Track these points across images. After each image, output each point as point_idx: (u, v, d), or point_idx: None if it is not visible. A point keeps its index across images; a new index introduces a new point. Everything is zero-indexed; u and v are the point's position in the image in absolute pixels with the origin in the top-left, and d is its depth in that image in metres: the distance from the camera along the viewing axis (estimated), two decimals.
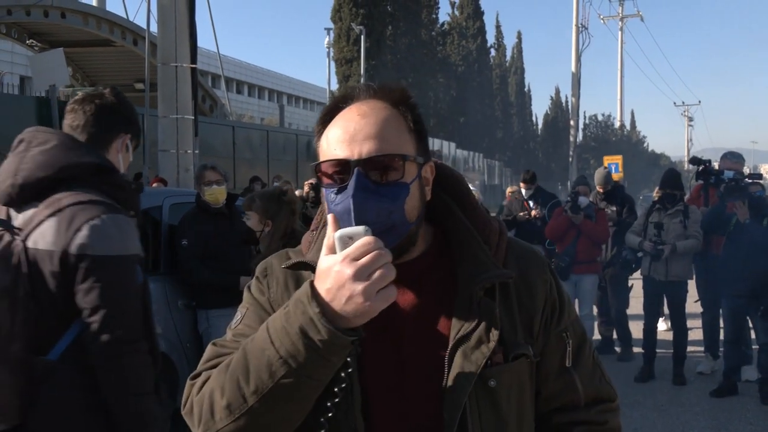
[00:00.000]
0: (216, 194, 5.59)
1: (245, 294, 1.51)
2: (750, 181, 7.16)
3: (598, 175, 9.20)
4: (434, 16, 44.38)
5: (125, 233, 2.32)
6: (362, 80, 32.44)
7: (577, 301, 7.70)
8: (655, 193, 7.87)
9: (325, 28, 35.51)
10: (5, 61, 34.65)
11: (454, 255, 1.46)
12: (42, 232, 2.21)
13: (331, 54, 36.63)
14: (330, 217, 1.28)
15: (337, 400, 1.33)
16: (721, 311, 7.37)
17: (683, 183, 8.17)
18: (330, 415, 1.34)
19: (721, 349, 7.57)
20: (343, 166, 1.34)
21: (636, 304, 9.26)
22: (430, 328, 1.41)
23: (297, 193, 12.86)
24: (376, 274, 1.20)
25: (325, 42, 35.31)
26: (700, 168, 7.84)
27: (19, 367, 2.15)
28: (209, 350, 1.43)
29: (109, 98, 2.53)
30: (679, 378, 7.31)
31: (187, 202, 5.83)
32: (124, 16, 18.59)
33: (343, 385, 1.32)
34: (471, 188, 1.59)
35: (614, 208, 8.63)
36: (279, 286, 1.46)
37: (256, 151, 17.89)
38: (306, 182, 10.55)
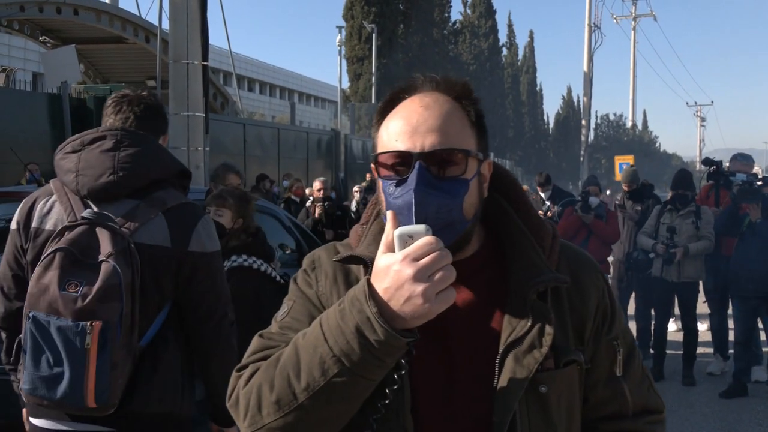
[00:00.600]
0: None
1: (291, 286, 1.49)
2: (762, 183, 7.10)
3: (625, 173, 9.23)
4: (446, 14, 44.31)
5: (215, 231, 2.62)
6: (373, 79, 32.43)
7: None
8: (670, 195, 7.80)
9: (337, 26, 35.49)
10: (18, 57, 34.82)
11: (507, 256, 1.43)
12: (152, 229, 2.40)
13: (343, 52, 36.61)
14: (390, 214, 1.25)
15: (387, 401, 1.30)
16: (731, 312, 7.34)
17: (695, 184, 8.14)
18: (379, 415, 1.32)
19: (731, 350, 7.55)
20: (404, 159, 1.31)
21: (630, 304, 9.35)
22: (481, 329, 1.38)
23: (307, 191, 12.93)
24: (438, 275, 1.17)
25: (337, 40, 35.28)
26: (712, 169, 7.84)
27: (133, 354, 2.35)
28: (255, 342, 1.41)
29: (152, 100, 2.68)
30: (688, 379, 7.29)
31: (197, 199, 5.82)
32: (137, 13, 18.67)
33: (395, 387, 1.29)
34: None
35: (638, 208, 8.59)
36: (328, 280, 1.44)
37: (267, 148, 17.90)
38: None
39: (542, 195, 9.67)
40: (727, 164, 8.18)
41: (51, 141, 10.75)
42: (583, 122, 35.39)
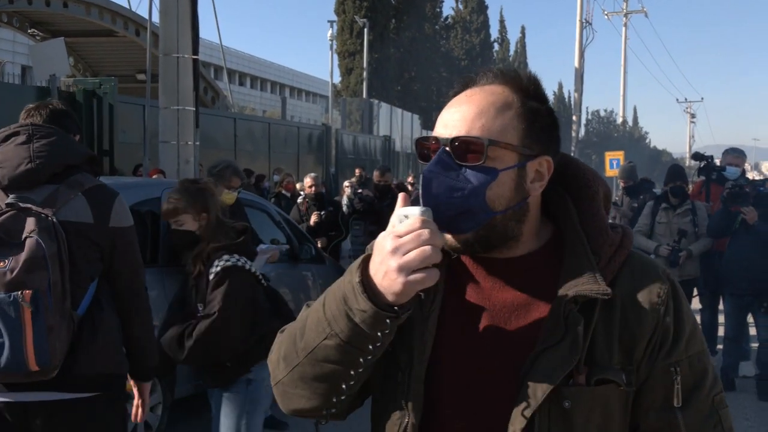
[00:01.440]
0: (232, 198, 5.62)
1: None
2: (752, 182, 7.04)
3: (621, 169, 9.25)
4: (438, 9, 44.29)
5: (128, 208, 2.91)
6: (365, 74, 32.38)
7: None
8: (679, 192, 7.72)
9: (329, 21, 35.41)
10: (7, 50, 34.61)
11: (563, 260, 1.38)
12: (74, 208, 2.67)
13: (334, 47, 36.55)
14: (400, 195, 1.28)
15: (359, 376, 1.32)
16: (721, 308, 7.37)
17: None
18: (347, 392, 1.35)
19: (719, 346, 7.59)
20: (437, 144, 1.34)
21: None
22: (519, 332, 1.34)
23: (298, 186, 12.91)
24: (412, 253, 1.18)
25: (328, 34, 35.22)
26: (702, 164, 7.77)
27: (69, 320, 2.59)
28: (302, 310, 1.45)
29: (58, 105, 3.04)
30: None
31: None
32: (127, 6, 18.54)
33: (369, 357, 1.29)
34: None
35: (635, 204, 8.57)
36: None
37: (258, 143, 17.85)
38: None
39: None
40: (718, 159, 8.15)
41: None
42: (574, 118, 35.42)
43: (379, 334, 1.25)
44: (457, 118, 1.34)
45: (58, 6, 16.32)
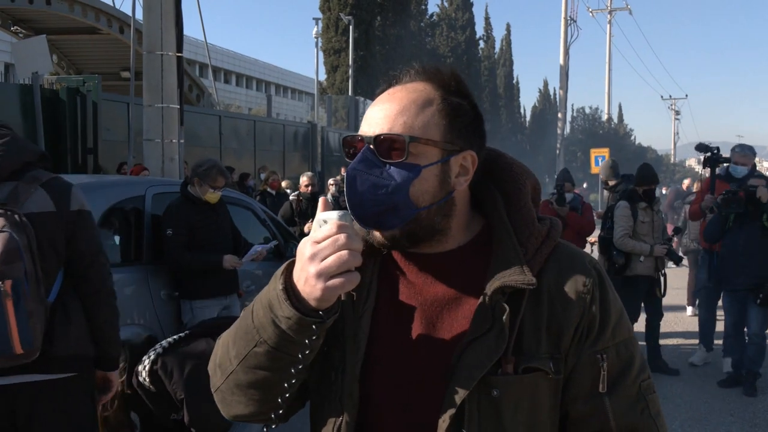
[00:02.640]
0: (216, 197, 5.60)
1: None
2: (744, 194, 6.76)
3: (603, 167, 8.97)
4: (423, 7, 44.29)
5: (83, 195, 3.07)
6: (350, 71, 32.34)
7: None
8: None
9: (314, 18, 35.43)
10: None
11: (491, 252, 1.40)
12: (36, 200, 2.84)
13: (320, 44, 36.49)
14: (321, 200, 1.30)
15: (293, 381, 1.34)
16: (721, 305, 7.41)
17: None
18: (285, 396, 1.36)
19: (717, 342, 7.66)
20: (359, 143, 1.36)
21: None
22: (450, 325, 1.37)
23: (283, 184, 12.87)
24: (329, 259, 1.20)
25: (314, 32, 35.18)
26: (707, 155, 7.51)
27: (44, 305, 2.79)
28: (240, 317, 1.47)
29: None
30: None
31: (171, 192, 5.79)
32: (110, 3, 18.42)
33: (300, 367, 1.31)
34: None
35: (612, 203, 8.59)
36: None
37: (243, 141, 17.79)
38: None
39: None
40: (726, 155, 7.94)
41: (23, 132, 10.61)
42: (560, 115, 35.55)
43: (306, 340, 1.27)
44: (380, 116, 1.36)
45: (41, 3, 16.19)
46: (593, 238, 8.84)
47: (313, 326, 1.25)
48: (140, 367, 3.96)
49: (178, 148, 8.83)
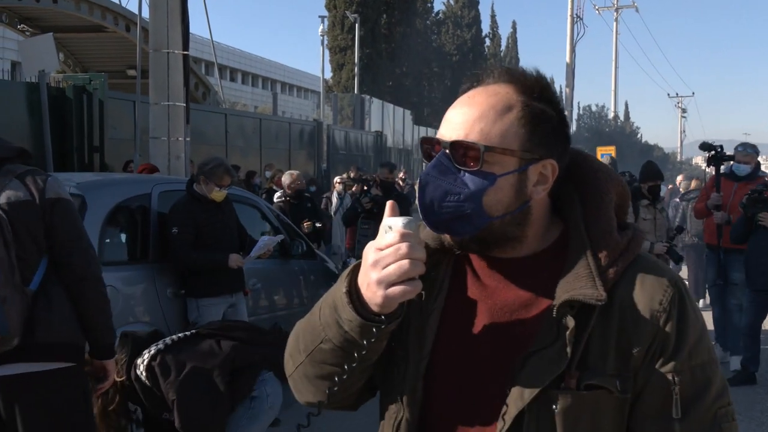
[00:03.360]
0: (221, 195, 5.60)
1: None
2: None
3: None
4: (429, 5, 44.25)
5: (62, 184, 3.12)
6: (356, 69, 32.31)
7: None
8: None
9: (320, 16, 35.28)
10: None
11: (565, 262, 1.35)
12: (11, 191, 2.89)
13: (325, 42, 36.45)
14: (389, 204, 1.27)
15: (344, 376, 1.34)
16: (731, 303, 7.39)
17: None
18: (331, 391, 1.37)
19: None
20: (437, 145, 1.34)
21: None
22: (516, 333, 1.33)
23: (286, 180, 12.84)
24: (390, 268, 1.19)
25: (319, 30, 35.09)
26: (711, 153, 7.48)
27: (22, 293, 2.81)
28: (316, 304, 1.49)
29: None
30: None
31: (177, 190, 5.80)
32: (117, 1, 18.42)
33: (354, 365, 1.32)
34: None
35: None
36: None
37: (249, 139, 17.77)
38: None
39: None
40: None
41: (29, 130, 10.62)
42: (566, 113, 35.46)
43: (370, 342, 1.27)
44: (458, 121, 1.32)
45: (47, 2, 16.22)
46: None
47: (374, 330, 1.25)
48: (139, 360, 3.96)
49: (184, 146, 8.83)
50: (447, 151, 1.31)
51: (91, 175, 8.70)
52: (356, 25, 32.26)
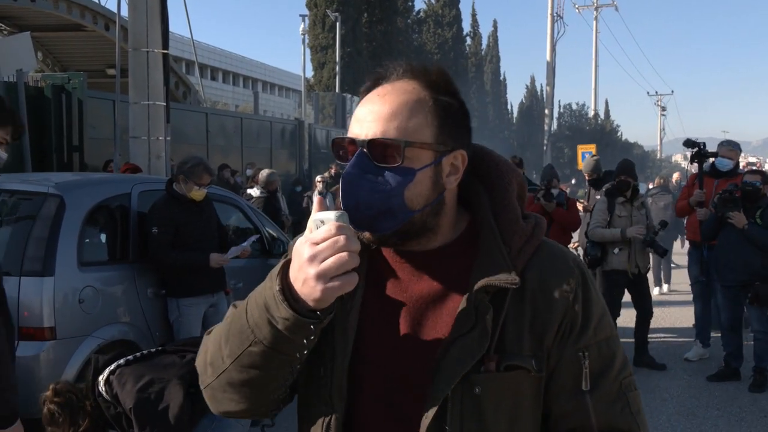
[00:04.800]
0: (201, 195, 5.57)
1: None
2: (741, 194, 6.84)
3: (586, 163, 9.48)
4: (410, 3, 44.24)
5: None
6: (337, 68, 32.27)
7: None
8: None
9: (300, 15, 35.17)
10: None
11: (477, 250, 1.40)
12: None
13: (306, 41, 36.37)
14: (316, 199, 1.29)
15: (287, 379, 1.36)
16: (717, 300, 7.46)
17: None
18: (280, 393, 1.38)
19: (714, 334, 7.73)
20: (354, 145, 1.34)
21: None
22: (435, 321, 1.37)
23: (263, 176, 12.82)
24: (329, 261, 1.19)
25: (300, 29, 35.01)
26: (694, 150, 7.59)
27: None
28: (229, 311, 1.45)
29: None
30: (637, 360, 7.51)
31: (157, 190, 5.77)
32: (96, 0, 18.31)
33: (298, 366, 1.34)
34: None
35: (598, 197, 8.67)
36: None
37: (230, 138, 17.71)
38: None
39: None
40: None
41: None
42: (546, 111, 35.66)
43: (303, 340, 1.28)
44: (371, 119, 1.34)
45: (25, 1, 16.07)
46: (575, 243, 8.96)
47: (311, 326, 1.25)
48: (100, 377, 3.92)
49: (165, 145, 8.78)
50: (364, 150, 1.32)
51: (70, 175, 8.64)
52: (337, 23, 32.23)
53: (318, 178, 13.30)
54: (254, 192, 10.45)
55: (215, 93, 54.11)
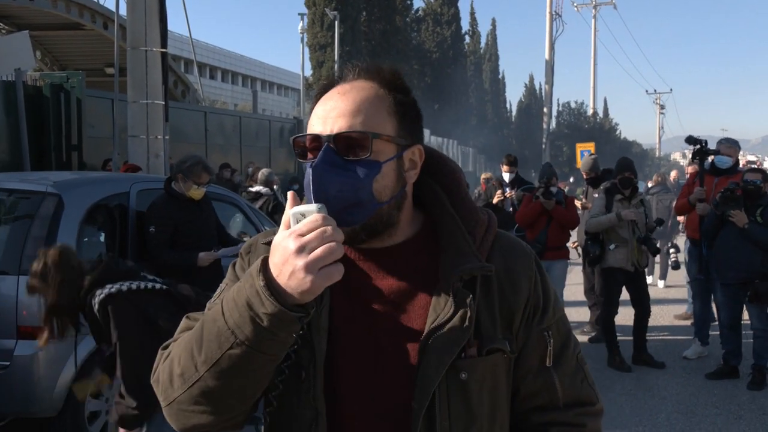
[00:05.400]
0: (200, 193, 5.57)
1: (228, 271, 1.52)
2: (742, 192, 6.86)
3: (584, 161, 9.57)
4: (409, 2, 44.18)
5: None
6: (336, 66, 32.24)
7: None
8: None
9: (299, 14, 35.17)
10: None
11: (440, 244, 1.45)
12: None
13: (305, 39, 36.37)
14: (289, 194, 1.30)
15: (282, 377, 1.36)
16: (715, 298, 7.47)
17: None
18: (276, 393, 1.38)
19: (713, 332, 7.73)
20: (317, 142, 1.37)
21: (576, 291, 9.77)
22: (408, 315, 1.41)
23: (262, 176, 12.80)
24: (319, 250, 1.20)
25: (299, 27, 35.01)
26: (696, 147, 7.58)
27: None
28: (182, 323, 1.46)
29: None
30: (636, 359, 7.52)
31: (156, 189, 5.77)
32: None
33: (288, 363, 1.35)
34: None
35: (595, 195, 8.68)
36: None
37: (229, 137, 17.72)
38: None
39: (506, 177, 9.69)
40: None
41: (6, 129, 10.53)
42: (545, 110, 35.69)
43: (288, 338, 1.27)
44: (334, 115, 1.37)
45: (23, 0, 16.07)
46: (574, 242, 8.98)
47: (298, 320, 1.25)
48: (99, 291, 3.74)
49: (163, 144, 8.79)
50: (330, 144, 1.35)
51: (69, 174, 8.63)
52: (336, 22, 32.21)
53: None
54: (262, 190, 10.42)
55: (214, 92, 54.07)
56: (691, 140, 7.72)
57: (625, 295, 7.72)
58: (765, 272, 6.70)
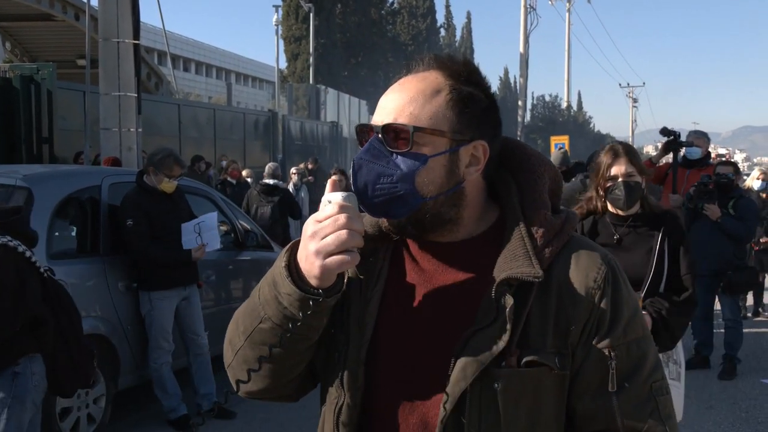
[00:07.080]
0: (172, 186, 5.52)
1: None
2: (714, 186, 6.94)
3: (554, 156, 9.63)
4: None
5: None
6: (311, 59, 32.14)
7: None
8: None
9: (274, 6, 34.95)
10: None
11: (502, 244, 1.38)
12: None
13: (280, 32, 36.19)
14: (330, 180, 1.33)
15: (297, 359, 1.39)
16: None
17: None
18: (295, 375, 1.42)
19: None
20: (371, 132, 1.38)
21: None
22: (458, 315, 1.35)
23: (244, 173, 12.77)
24: (329, 237, 1.22)
25: (274, 19, 34.81)
26: (670, 138, 7.59)
27: None
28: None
29: None
30: None
31: (128, 182, 5.71)
32: None
33: (303, 339, 1.35)
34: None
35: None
36: None
37: (203, 130, 17.58)
38: None
39: None
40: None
41: None
42: (520, 103, 35.81)
43: (309, 319, 1.30)
44: (390, 106, 1.36)
45: None
46: None
47: (310, 302, 1.27)
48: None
49: (136, 137, 8.70)
50: (379, 135, 1.35)
51: (39, 167, 8.52)
52: (311, 14, 32.09)
53: (293, 170, 13.26)
54: (280, 184, 10.27)
55: (188, 84, 53.64)
56: (665, 132, 7.76)
57: None
58: (737, 263, 6.79)
